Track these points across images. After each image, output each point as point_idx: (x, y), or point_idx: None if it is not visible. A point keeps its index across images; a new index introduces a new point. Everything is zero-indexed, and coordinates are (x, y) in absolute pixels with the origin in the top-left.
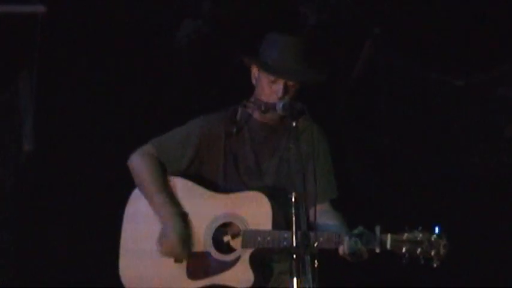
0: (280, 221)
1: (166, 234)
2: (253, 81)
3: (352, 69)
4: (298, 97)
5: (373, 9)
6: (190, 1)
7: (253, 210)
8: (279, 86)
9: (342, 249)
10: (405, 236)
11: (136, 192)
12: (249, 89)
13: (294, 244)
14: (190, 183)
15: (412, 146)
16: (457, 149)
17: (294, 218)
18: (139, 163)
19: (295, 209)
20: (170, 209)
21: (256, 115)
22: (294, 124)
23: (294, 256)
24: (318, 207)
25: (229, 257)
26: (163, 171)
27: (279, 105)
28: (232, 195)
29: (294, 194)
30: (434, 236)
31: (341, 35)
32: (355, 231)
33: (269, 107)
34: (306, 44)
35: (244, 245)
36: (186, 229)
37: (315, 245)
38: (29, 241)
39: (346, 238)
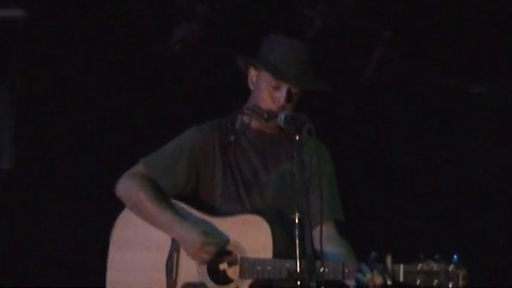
0: (281, 247)
1: (187, 240)
2: (250, 86)
3: (361, 76)
4: (301, 106)
5: (384, 12)
6: (184, 3)
7: (252, 236)
8: (282, 93)
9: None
10: (419, 266)
11: (121, 219)
12: (244, 95)
13: (298, 270)
14: (184, 206)
15: (425, 158)
16: (474, 161)
17: (297, 241)
18: (130, 185)
19: (299, 231)
20: (182, 222)
21: (254, 123)
22: (297, 138)
23: (299, 283)
24: (323, 228)
25: None
26: (160, 190)
27: (281, 117)
28: (229, 219)
29: (297, 214)
30: (452, 266)
31: (349, 39)
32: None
33: (272, 116)
34: (312, 48)
35: (242, 275)
36: (208, 227)
37: (321, 270)
38: (7, 260)
39: (356, 274)
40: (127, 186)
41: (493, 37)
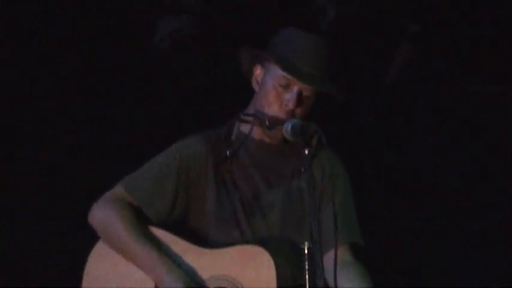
0: (287, 280)
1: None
2: (255, 87)
3: (383, 78)
4: (311, 113)
5: (410, 1)
6: None
7: (252, 272)
8: (291, 95)
9: None
10: None
11: (97, 251)
12: (246, 101)
13: None
14: (171, 236)
15: (459, 175)
16: None
17: (307, 277)
18: (106, 213)
19: (308, 264)
20: (161, 260)
21: (256, 133)
22: (306, 152)
23: None
24: (337, 251)
25: None
26: (142, 218)
27: (287, 127)
28: (225, 251)
29: (306, 244)
30: None
31: (369, 34)
32: None
33: (275, 123)
34: (329, 45)
35: None
36: (192, 278)
37: None
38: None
39: None
40: (103, 214)
41: None
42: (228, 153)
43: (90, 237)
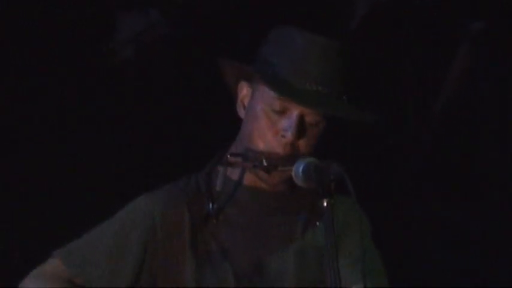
0: None
1: None
2: (241, 113)
3: (435, 94)
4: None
5: None
6: None
7: None
8: (290, 122)
9: None
10: None
11: None
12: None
13: None
14: None
15: None
16: None
17: None
18: None
19: None
20: None
21: (247, 178)
22: (325, 204)
23: None
24: None
25: None
26: None
27: (297, 171)
28: None
29: None
30: None
31: (414, 35)
32: None
33: (277, 163)
34: (346, 49)
35: None
36: None
37: None
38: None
39: None
40: None
41: None
42: (211, 209)
43: None
